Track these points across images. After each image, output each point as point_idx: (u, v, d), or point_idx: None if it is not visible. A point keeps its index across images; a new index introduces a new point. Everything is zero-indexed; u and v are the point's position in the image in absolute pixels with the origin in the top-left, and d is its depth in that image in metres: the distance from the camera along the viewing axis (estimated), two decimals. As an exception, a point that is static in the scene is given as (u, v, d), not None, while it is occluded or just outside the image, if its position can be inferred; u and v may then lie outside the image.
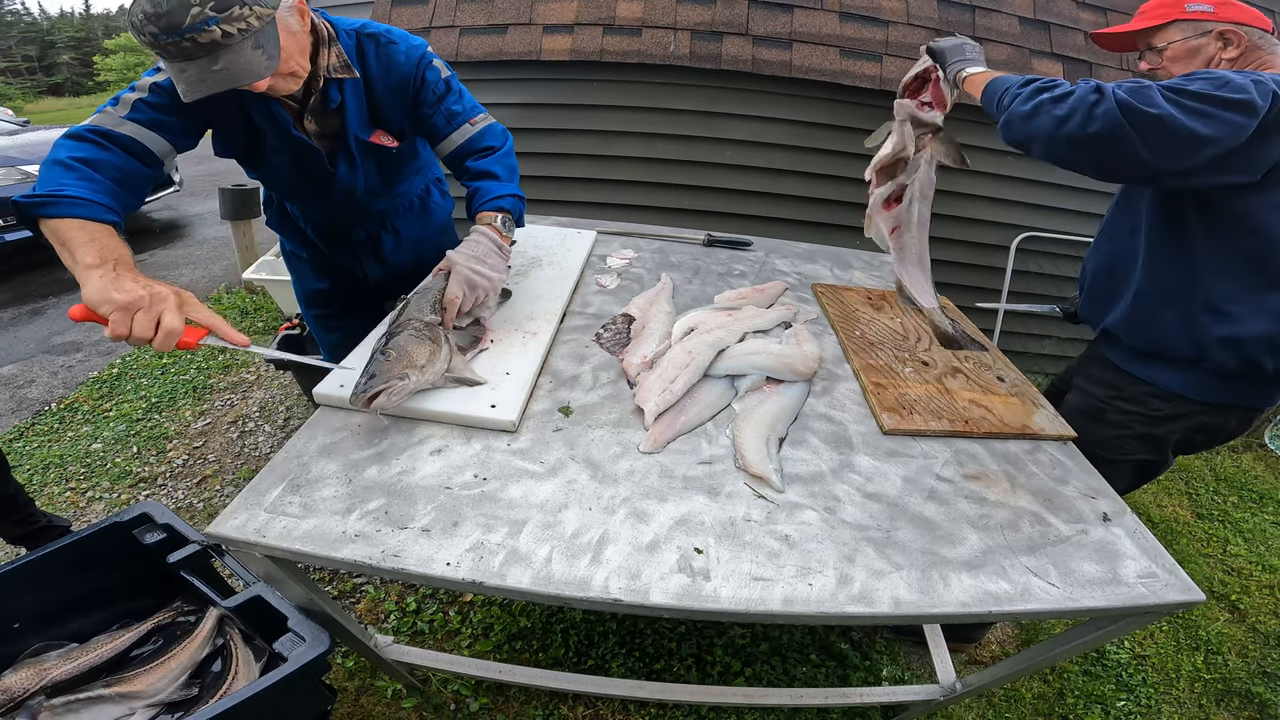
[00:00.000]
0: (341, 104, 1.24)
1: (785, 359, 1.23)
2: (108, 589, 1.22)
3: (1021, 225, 2.84)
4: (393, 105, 1.29)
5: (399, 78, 1.26)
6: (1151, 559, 0.92)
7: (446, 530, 0.85)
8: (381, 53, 1.25)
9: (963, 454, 1.10)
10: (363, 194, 1.40)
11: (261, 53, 0.97)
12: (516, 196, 1.31)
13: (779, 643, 1.77)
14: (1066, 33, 2.59)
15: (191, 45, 0.90)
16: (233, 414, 2.68)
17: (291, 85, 1.12)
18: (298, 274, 1.68)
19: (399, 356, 1.02)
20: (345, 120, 1.26)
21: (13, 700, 1.02)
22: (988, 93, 1.15)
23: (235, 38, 0.93)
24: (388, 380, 0.98)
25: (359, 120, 1.28)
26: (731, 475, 0.99)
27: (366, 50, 1.24)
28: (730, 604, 0.79)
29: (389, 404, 0.97)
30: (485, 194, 1.28)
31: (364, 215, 1.48)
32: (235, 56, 0.94)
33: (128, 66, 16.67)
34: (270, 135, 1.23)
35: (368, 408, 0.96)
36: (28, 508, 1.73)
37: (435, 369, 1.04)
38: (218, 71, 0.94)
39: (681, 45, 2.51)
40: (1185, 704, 1.77)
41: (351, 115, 1.26)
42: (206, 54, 0.92)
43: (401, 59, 1.26)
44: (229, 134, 1.23)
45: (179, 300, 0.90)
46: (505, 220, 1.27)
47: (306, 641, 1.00)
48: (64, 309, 3.60)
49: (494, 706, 1.57)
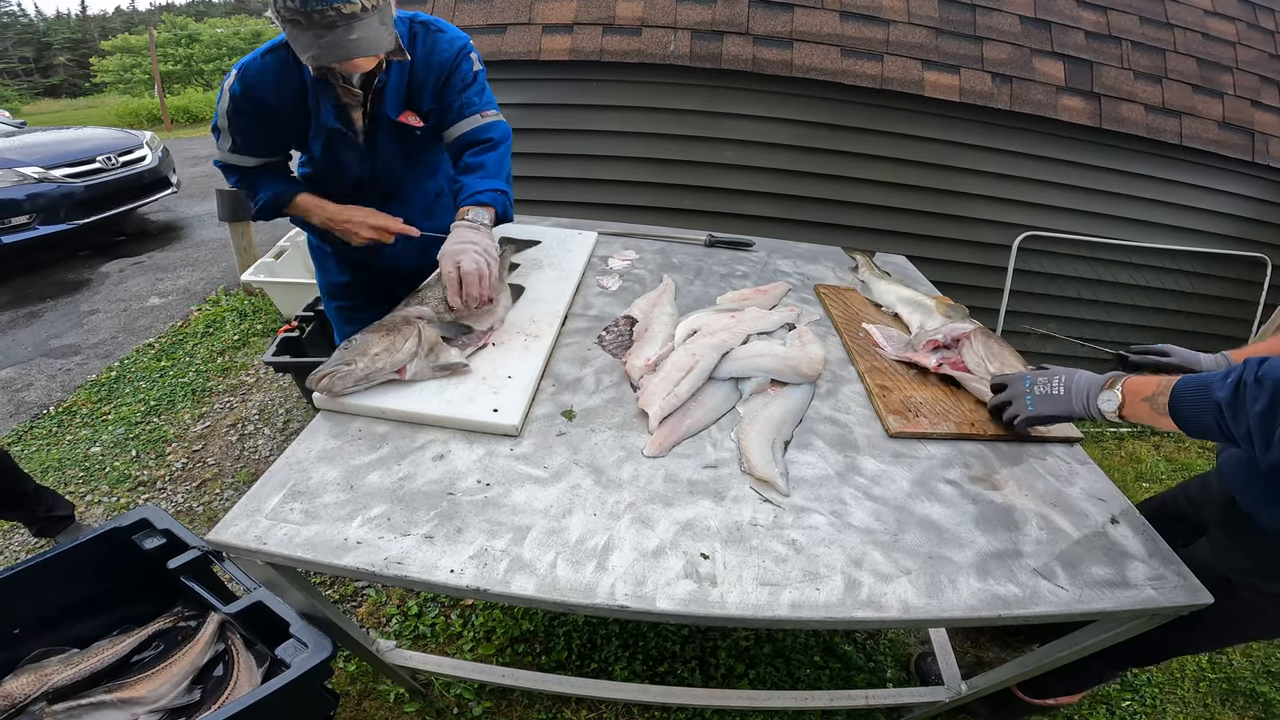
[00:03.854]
0: (385, 83, 1.30)
1: (790, 361, 1.22)
2: (108, 594, 1.21)
3: (1023, 224, 2.84)
4: (427, 89, 1.36)
5: (439, 62, 1.34)
6: (1160, 561, 0.91)
7: (450, 537, 0.84)
8: (429, 39, 1.34)
9: (969, 456, 1.09)
10: (384, 170, 1.46)
11: (385, 29, 1.14)
12: (497, 190, 1.34)
13: (783, 645, 1.77)
14: (1067, 31, 2.59)
15: (335, 15, 1.04)
16: (232, 416, 2.67)
17: (371, 63, 1.23)
18: (322, 268, 1.76)
19: (354, 346, 1.07)
20: (384, 98, 1.32)
21: (14, 705, 1.01)
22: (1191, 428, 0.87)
23: (370, 12, 1.08)
24: (334, 365, 1.02)
25: (395, 101, 1.34)
26: (737, 479, 0.98)
27: (418, 36, 1.33)
28: (738, 610, 0.78)
29: (334, 387, 1.02)
30: (467, 189, 1.33)
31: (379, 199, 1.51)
32: (367, 29, 1.09)
33: (124, 68, 16.63)
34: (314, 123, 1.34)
35: (317, 389, 1.02)
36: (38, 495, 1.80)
37: (394, 359, 1.06)
38: (354, 40, 1.08)
39: (681, 45, 2.50)
40: (1190, 704, 1.77)
41: (390, 95, 1.33)
42: (345, 24, 1.05)
43: (445, 45, 1.34)
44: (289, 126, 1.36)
45: (363, 216, 1.41)
46: (479, 214, 1.31)
47: (308, 647, 1.00)
48: (62, 312, 3.59)
49: (497, 710, 1.56)
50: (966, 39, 2.54)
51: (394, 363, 1.06)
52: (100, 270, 4.22)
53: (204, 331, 3.35)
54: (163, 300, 3.78)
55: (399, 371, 1.07)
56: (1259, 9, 2.78)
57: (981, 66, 2.53)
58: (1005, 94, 2.53)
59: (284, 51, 1.25)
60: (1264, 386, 0.75)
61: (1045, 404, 1.05)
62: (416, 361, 1.09)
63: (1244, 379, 0.77)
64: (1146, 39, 2.63)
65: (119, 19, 36.81)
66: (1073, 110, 2.56)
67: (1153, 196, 2.79)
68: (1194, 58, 2.66)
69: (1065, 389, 1.02)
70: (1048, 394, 1.05)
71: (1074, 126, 2.59)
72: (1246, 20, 2.75)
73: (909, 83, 2.50)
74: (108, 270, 4.22)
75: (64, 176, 4.15)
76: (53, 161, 4.19)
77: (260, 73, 1.26)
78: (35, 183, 4.00)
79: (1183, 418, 0.85)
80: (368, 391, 1.06)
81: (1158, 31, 2.65)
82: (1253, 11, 2.78)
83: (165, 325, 3.46)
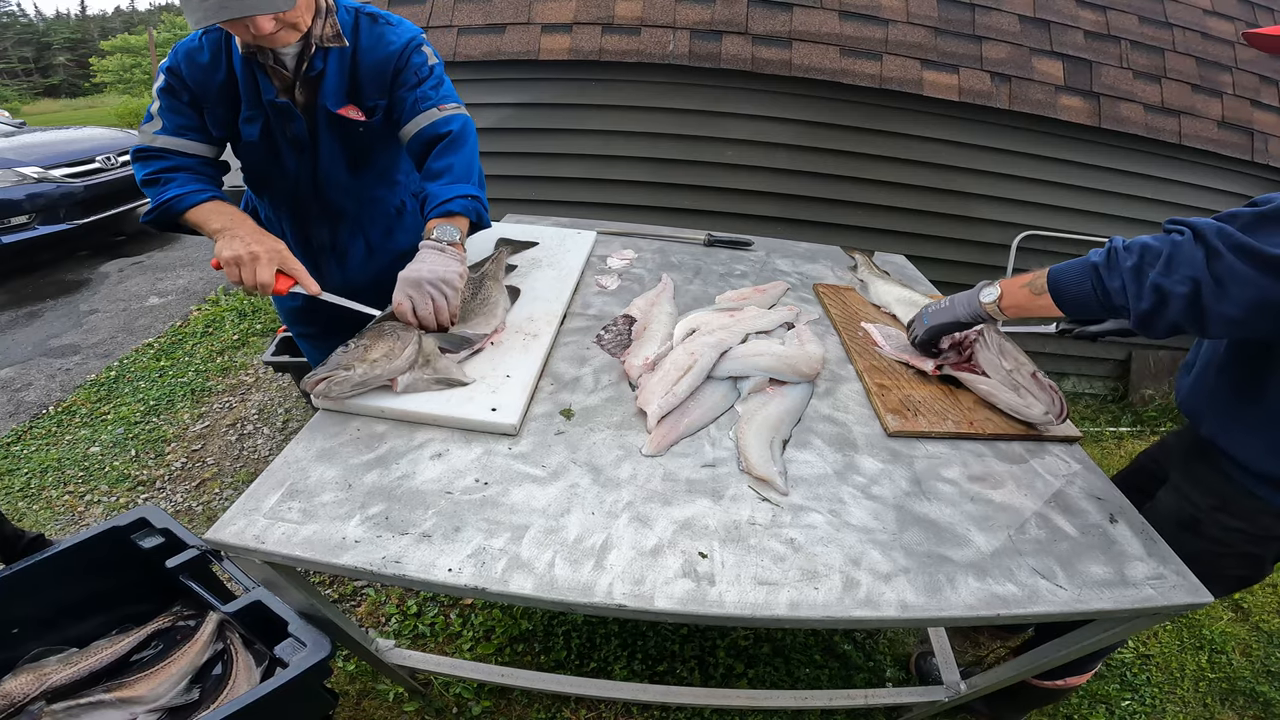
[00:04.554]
0: (322, 72, 1.22)
1: (788, 360, 1.22)
2: (107, 594, 1.21)
3: (1022, 224, 2.84)
4: (372, 83, 1.27)
5: (384, 54, 1.25)
6: (1159, 560, 0.91)
7: (448, 536, 0.84)
8: (375, 30, 1.26)
9: (967, 455, 1.09)
10: (327, 173, 1.33)
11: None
12: (467, 197, 1.23)
13: (782, 644, 1.77)
14: (1066, 30, 2.59)
15: None
16: (231, 416, 2.67)
17: (290, 37, 1.13)
18: None
19: (355, 349, 1.05)
20: (321, 89, 1.23)
21: (13, 705, 1.01)
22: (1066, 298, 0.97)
23: None
24: (333, 369, 1.00)
25: (335, 92, 1.25)
26: (735, 478, 0.98)
27: (361, 25, 1.25)
28: (735, 609, 0.78)
29: (330, 391, 1.00)
30: (433, 198, 1.23)
31: (329, 212, 1.41)
32: None
33: (124, 68, 16.67)
34: (247, 105, 1.22)
35: (313, 392, 1.00)
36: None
37: (392, 366, 1.04)
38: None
39: (681, 44, 2.50)
40: (1190, 703, 1.77)
41: (329, 84, 1.23)
42: None
43: (392, 38, 1.26)
44: (216, 112, 1.23)
45: (269, 256, 1.12)
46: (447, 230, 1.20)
47: (307, 646, 1.00)
48: (61, 312, 3.59)
49: (496, 710, 1.56)
50: (965, 38, 2.54)
51: (392, 370, 1.04)
52: (100, 270, 4.22)
53: (203, 331, 3.35)
54: (162, 300, 3.78)
55: (391, 382, 1.05)
56: (1258, 8, 2.78)
57: (981, 66, 2.53)
58: (1004, 93, 2.53)
59: (217, 32, 1.18)
60: (1132, 250, 0.88)
61: (937, 315, 1.22)
62: (412, 373, 1.06)
63: (1114, 246, 0.91)
64: (1146, 38, 2.63)
65: (119, 19, 36.78)
66: (1072, 109, 2.56)
67: (1152, 196, 2.79)
68: (1193, 57, 2.66)
69: (950, 301, 1.20)
70: (938, 309, 1.22)
71: (1073, 126, 2.59)
72: (1246, 20, 2.75)
73: (908, 82, 2.50)
74: (107, 270, 4.22)
75: (63, 176, 4.15)
76: (52, 161, 4.19)
77: (193, 52, 1.18)
78: (35, 183, 3.99)
79: (1062, 289, 0.98)
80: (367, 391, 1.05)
81: (1157, 31, 2.65)
82: (1252, 11, 2.78)
83: (165, 325, 3.46)
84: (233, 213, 1.18)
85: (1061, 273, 0.98)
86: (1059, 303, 0.98)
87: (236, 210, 1.20)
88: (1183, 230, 0.84)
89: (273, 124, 1.25)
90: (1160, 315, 0.85)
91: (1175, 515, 1.13)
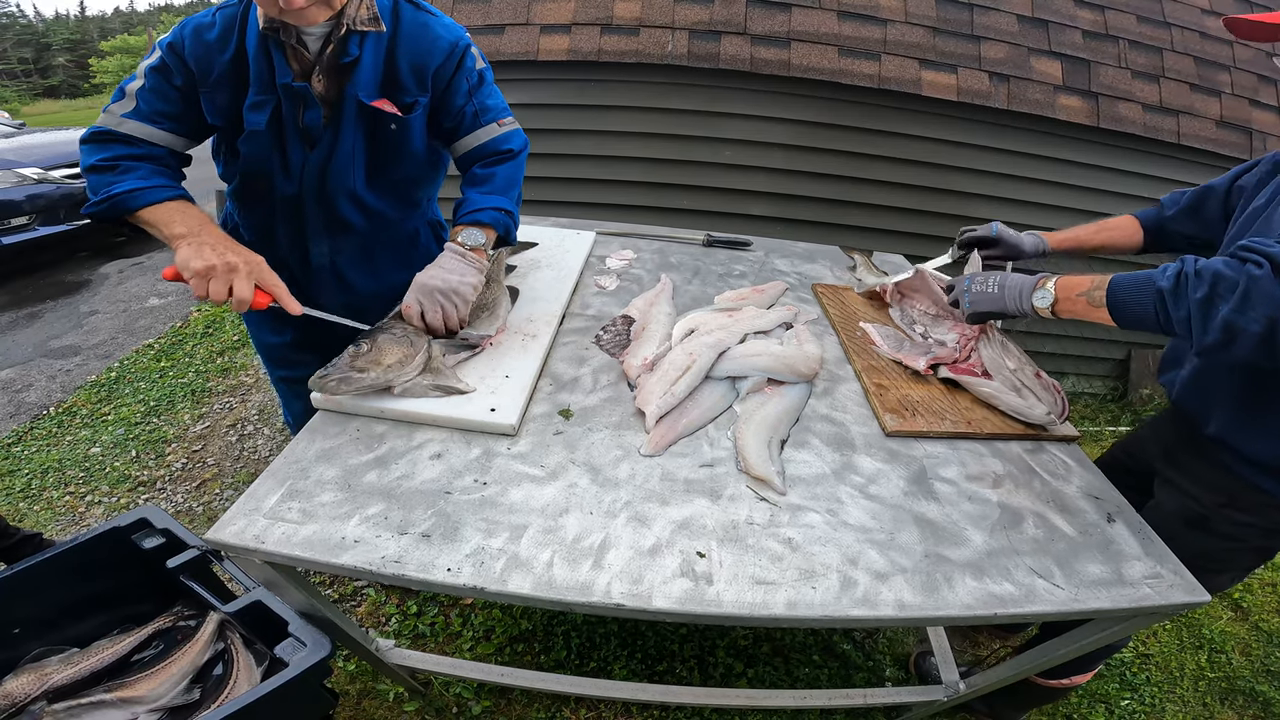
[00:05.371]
0: (357, 60, 1.10)
1: (786, 360, 1.22)
2: (108, 594, 1.21)
3: (1021, 223, 2.83)
4: (409, 78, 1.15)
5: (429, 50, 1.15)
6: (1156, 559, 0.92)
7: (447, 535, 0.84)
8: (418, 18, 1.15)
9: (965, 455, 1.09)
10: (338, 175, 1.19)
11: None
12: (501, 210, 1.20)
13: (781, 643, 1.77)
14: (1065, 30, 2.59)
15: None
16: (231, 417, 2.67)
17: (322, 14, 1.02)
18: (253, 323, 1.44)
19: (369, 351, 1.04)
20: (355, 77, 1.11)
21: (14, 705, 1.01)
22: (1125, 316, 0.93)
23: None
24: (345, 372, 1.00)
25: (370, 82, 1.13)
26: (733, 478, 0.99)
27: (402, 11, 1.14)
28: (733, 608, 0.78)
29: (339, 391, 1.00)
30: (468, 204, 1.20)
31: (333, 224, 1.26)
32: None
33: (123, 69, 16.68)
34: (257, 88, 1.09)
35: (323, 389, 0.99)
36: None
37: (403, 373, 1.04)
38: None
39: (679, 45, 2.50)
40: (1189, 703, 1.77)
41: (363, 74, 1.11)
42: None
43: (440, 32, 1.16)
44: (216, 97, 1.10)
45: (248, 269, 1.00)
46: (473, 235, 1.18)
47: (307, 646, 1.00)
48: (61, 313, 3.59)
49: (496, 709, 1.57)
50: (964, 38, 2.55)
51: (403, 376, 1.04)
52: (100, 271, 4.22)
53: (203, 332, 3.36)
54: (162, 301, 3.78)
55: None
56: (1256, 8, 2.79)
57: (979, 66, 2.53)
58: (1003, 93, 2.53)
59: (234, 9, 1.08)
60: (1203, 278, 0.82)
61: (982, 302, 1.14)
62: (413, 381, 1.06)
63: (1185, 271, 0.84)
64: (1144, 38, 2.63)
65: (118, 19, 36.79)
66: (1070, 109, 2.56)
67: (1151, 195, 2.79)
68: (1192, 56, 2.66)
69: (999, 287, 1.11)
70: (984, 292, 1.13)
71: (1072, 125, 2.59)
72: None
73: (907, 82, 2.50)
74: (107, 271, 4.22)
75: (63, 177, 4.16)
76: (52, 162, 4.20)
77: (202, 28, 1.06)
78: (35, 183, 4.00)
79: (1121, 307, 0.92)
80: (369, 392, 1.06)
81: (1155, 30, 2.65)
82: (1250, 10, 2.78)
83: (165, 326, 3.46)
84: (199, 216, 1.05)
85: (1123, 290, 0.92)
86: (1116, 319, 0.94)
87: (203, 214, 1.07)
88: (1261, 263, 0.78)
89: (284, 111, 1.11)
90: (1227, 350, 0.82)
91: (1181, 514, 1.12)
